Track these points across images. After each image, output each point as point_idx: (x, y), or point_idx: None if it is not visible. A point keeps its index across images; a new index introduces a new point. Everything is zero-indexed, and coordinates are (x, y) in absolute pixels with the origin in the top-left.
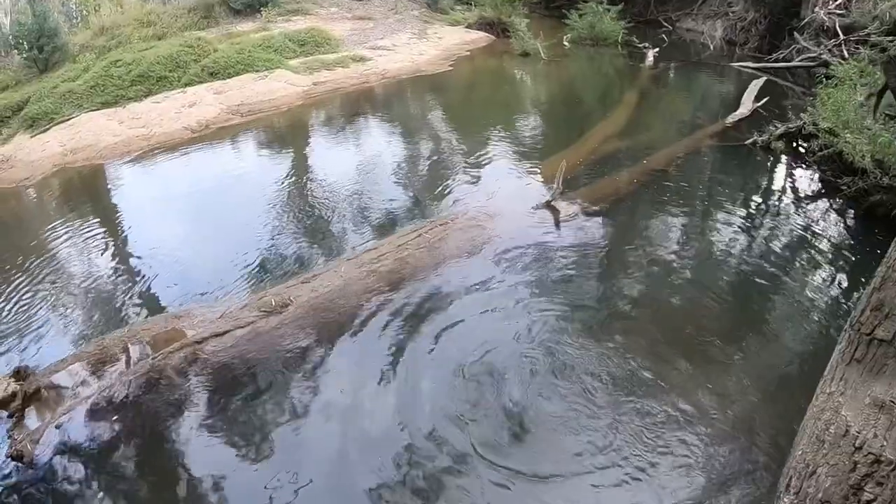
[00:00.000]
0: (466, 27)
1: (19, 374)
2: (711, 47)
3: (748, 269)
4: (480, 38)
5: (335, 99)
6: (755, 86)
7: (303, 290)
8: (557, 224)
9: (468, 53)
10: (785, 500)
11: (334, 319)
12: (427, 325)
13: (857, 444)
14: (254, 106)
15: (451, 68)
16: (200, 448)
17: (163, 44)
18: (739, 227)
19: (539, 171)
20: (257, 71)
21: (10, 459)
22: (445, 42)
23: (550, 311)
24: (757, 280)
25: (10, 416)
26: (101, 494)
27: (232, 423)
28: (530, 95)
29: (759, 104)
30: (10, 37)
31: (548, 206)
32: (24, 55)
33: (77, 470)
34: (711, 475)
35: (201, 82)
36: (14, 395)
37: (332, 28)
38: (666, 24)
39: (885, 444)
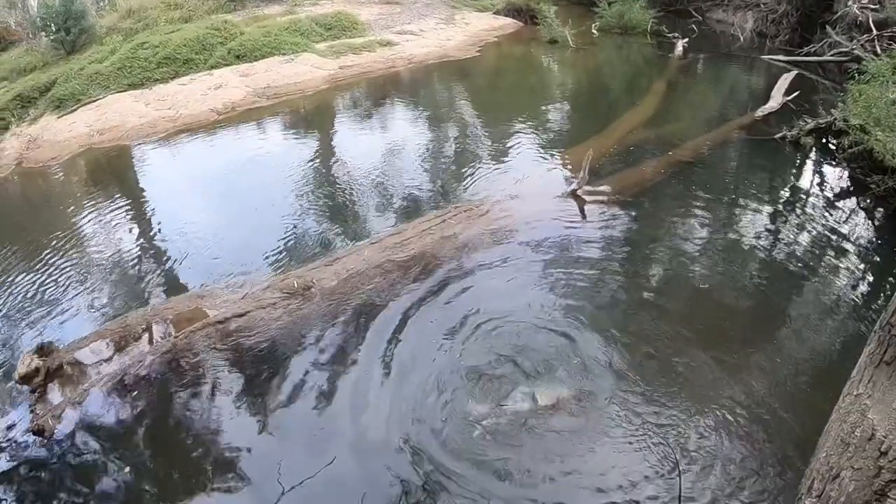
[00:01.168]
0: (494, 13)
1: (42, 350)
2: (741, 39)
3: (774, 265)
4: (508, 24)
5: (361, 83)
6: (785, 79)
7: (326, 272)
8: (583, 213)
9: (496, 39)
10: (807, 502)
11: (357, 302)
12: (447, 310)
13: (882, 449)
14: (280, 89)
15: (478, 54)
16: (218, 427)
17: (189, 26)
18: (766, 222)
19: (565, 159)
20: (283, 54)
21: (31, 434)
22: (473, 28)
23: (573, 300)
24: (783, 277)
25: (32, 392)
26: (119, 471)
27: (252, 403)
28: (557, 83)
29: (788, 98)
30: (38, 18)
31: (573, 194)
32: (52, 37)
33: (97, 446)
34: (730, 472)
35: (227, 65)
36: (37, 370)
37: (359, 12)
38: (696, 14)
39: None
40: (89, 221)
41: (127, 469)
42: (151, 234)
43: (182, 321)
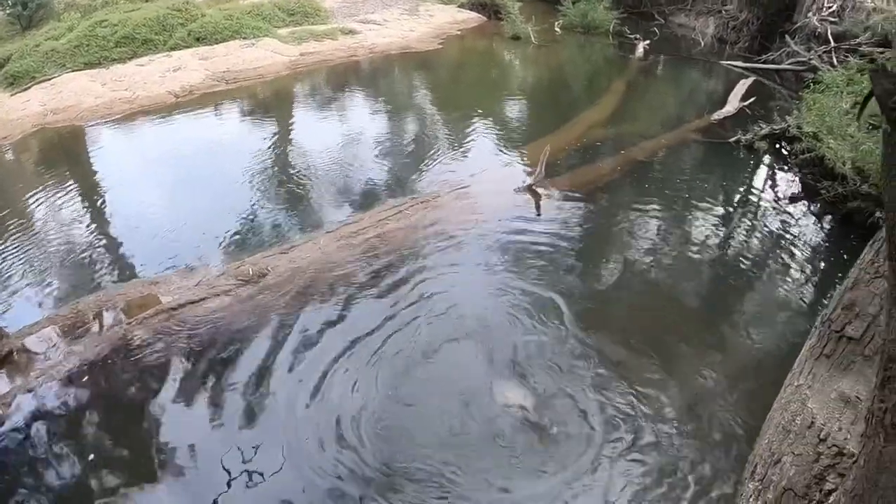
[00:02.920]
0: (458, 6)
1: None
2: (702, 44)
3: (724, 264)
4: (472, 18)
5: (321, 71)
6: (743, 85)
7: (281, 260)
8: (538, 207)
9: (459, 33)
10: (749, 486)
11: (311, 290)
12: (401, 299)
13: (821, 436)
14: (239, 73)
15: (440, 47)
16: (171, 413)
17: (150, 6)
18: (718, 222)
19: (523, 154)
20: (244, 38)
21: None
22: (436, 20)
23: (523, 292)
24: (732, 275)
25: None
26: (70, 458)
27: (203, 389)
28: (518, 79)
29: (745, 103)
30: None
31: (530, 189)
32: (8, 11)
33: (47, 434)
34: (678, 462)
35: (187, 47)
36: None
37: None
38: (658, 17)
39: (848, 437)
40: (40, 203)
41: (77, 457)
42: (104, 218)
43: (135, 307)
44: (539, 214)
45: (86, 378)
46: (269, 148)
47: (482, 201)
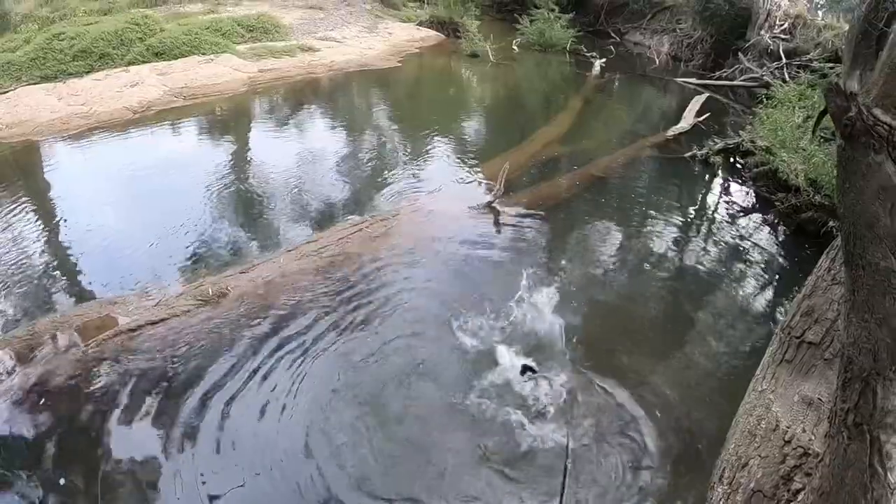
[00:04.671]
0: (418, 24)
1: None
2: (657, 62)
3: (683, 275)
4: (431, 36)
5: (280, 87)
6: (697, 101)
7: (241, 279)
8: (497, 224)
9: (417, 51)
10: (718, 490)
11: (271, 310)
12: (360, 319)
13: (786, 438)
14: (197, 90)
15: (399, 64)
16: (127, 439)
17: (108, 19)
18: (675, 236)
19: (481, 171)
20: (203, 54)
21: None
22: (395, 38)
23: (483, 309)
24: (691, 288)
25: None
26: (24, 485)
27: (162, 414)
28: (476, 96)
29: (699, 119)
30: None
31: (489, 206)
32: None
33: (0, 460)
34: (645, 469)
35: (145, 62)
36: None
37: (283, 16)
38: (615, 35)
39: (812, 438)
40: None
41: (30, 483)
42: (58, 236)
43: (92, 329)
44: (498, 231)
45: (40, 401)
46: (228, 165)
47: (441, 218)
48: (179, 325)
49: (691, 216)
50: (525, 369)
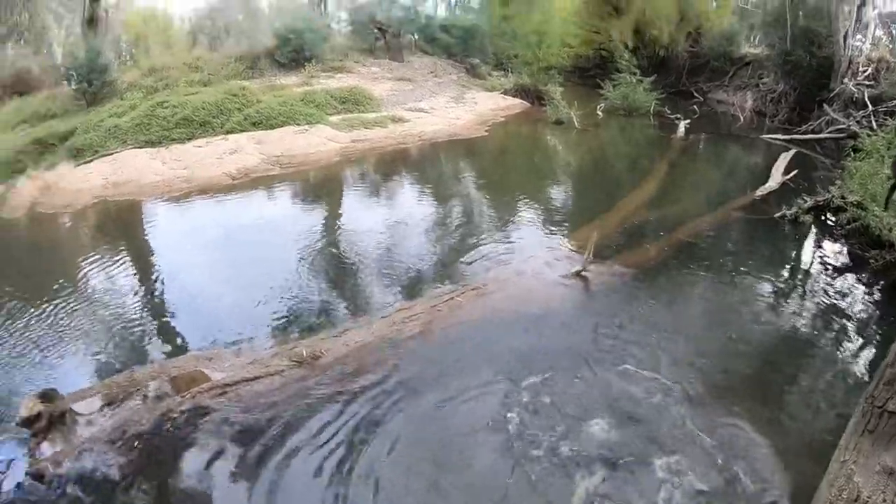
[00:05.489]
0: (503, 93)
1: (46, 396)
2: (742, 119)
3: (775, 340)
4: (516, 104)
5: (372, 157)
6: (784, 158)
7: (334, 343)
8: (587, 293)
9: (504, 119)
10: None
11: (364, 375)
12: (454, 388)
13: None
14: (293, 158)
15: (486, 133)
16: (212, 493)
17: (208, 90)
18: (768, 298)
19: (570, 239)
20: (298, 124)
21: (29, 477)
22: (482, 107)
23: (576, 381)
24: (783, 352)
25: (33, 436)
26: None
27: (247, 469)
28: (563, 163)
29: (787, 177)
30: (63, 68)
31: (578, 275)
32: (75, 87)
33: (91, 498)
34: None
35: (243, 131)
36: (40, 415)
37: (373, 87)
38: (697, 95)
39: None
40: (96, 273)
41: None
42: (157, 291)
43: (187, 381)
44: (589, 299)
45: (134, 446)
46: (321, 231)
47: (532, 288)
48: (272, 383)
49: (783, 277)
50: None
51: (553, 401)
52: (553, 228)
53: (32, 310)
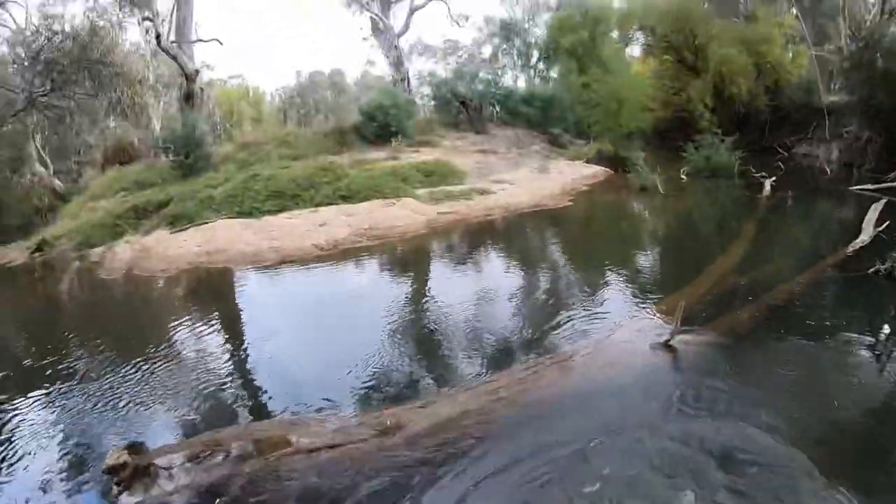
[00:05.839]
0: (586, 161)
1: (133, 448)
2: (828, 171)
3: (883, 406)
4: (599, 172)
5: (458, 229)
6: (875, 210)
7: (419, 414)
8: (676, 363)
9: (587, 188)
10: None
11: (448, 448)
12: (544, 468)
13: None
14: (380, 231)
15: (570, 203)
16: None
17: (298, 164)
18: (869, 360)
19: (657, 307)
20: (386, 197)
21: None
22: (565, 176)
23: (669, 450)
24: (888, 417)
25: (117, 485)
26: None
27: None
28: (648, 230)
29: (879, 229)
30: (160, 140)
31: (666, 345)
32: (172, 158)
33: None
34: None
35: (332, 203)
36: (125, 465)
37: (457, 160)
38: (781, 150)
39: None
40: (187, 335)
41: None
42: (245, 355)
43: (270, 444)
44: (677, 369)
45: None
46: (407, 301)
47: (618, 358)
48: (355, 451)
49: (883, 336)
50: None
51: (642, 473)
52: (640, 297)
53: (126, 366)
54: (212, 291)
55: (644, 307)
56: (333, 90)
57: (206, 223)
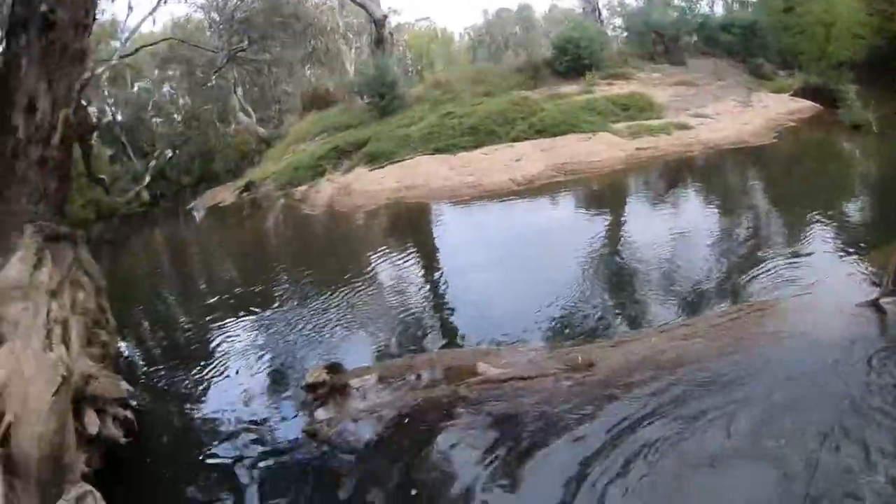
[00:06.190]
0: (791, 95)
1: (332, 367)
2: None
3: None
4: (806, 107)
5: (656, 165)
6: None
7: (610, 353)
8: (884, 327)
9: (793, 124)
10: None
11: (637, 388)
12: (734, 409)
13: None
14: (576, 166)
15: (775, 140)
16: (465, 481)
17: (491, 100)
18: None
19: (865, 261)
20: (581, 132)
21: (305, 434)
22: (769, 111)
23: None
24: None
25: (315, 400)
26: (366, 490)
27: (503, 463)
28: (860, 174)
29: None
30: (355, 84)
31: (874, 304)
32: (367, 101)
33: (354, 464)
34: None
35: (527, 139)
36: (324, 382)
37: (654, 93)
38: None
39: None
40: (385, 266)
41: (371, 488)
42: (439, 286)
43: (462, 372)
44: (885, 334)
45: (395, 423)
46: (601, 239)
47: (819, 313)
48: (544, 385)
49: None
50: None
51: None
52: (847, 248)
53: (328, 294)
54: (409, 225)
55: (851, 260)
56: (522, 26)
57: (404, 160)
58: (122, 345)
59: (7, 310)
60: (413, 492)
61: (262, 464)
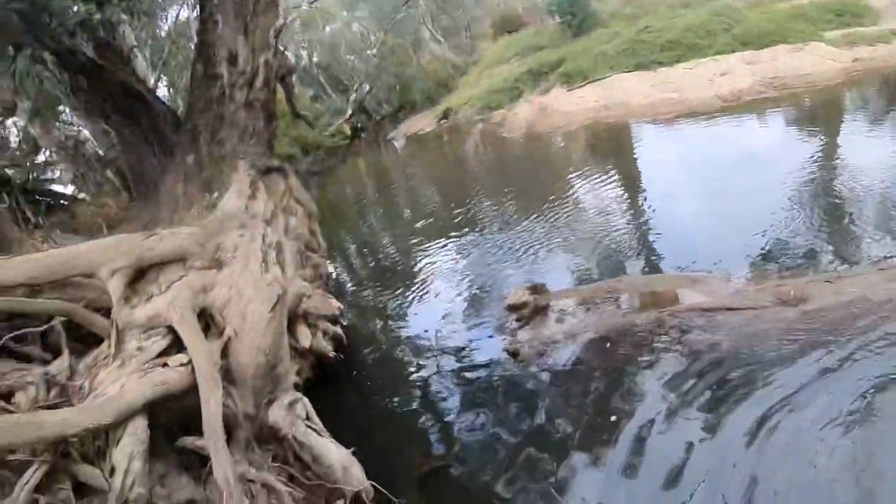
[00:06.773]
0: None
1: (536, 289)
2: None
3: None
4: None
5: (875, 79)
6: None
7: (824, 289)
8: None
9: None
10: None
11: (852, 329)
12: None
13: None
14: (787, 80)
15: None
16: (658, 410)
17: (690, 12)
18: None
19: None
20: (791, 42)
21: (506, 352)
22: None
23: None
24: None
25: (517, 321)
26: (560, 409)
27: (711, 402)
28: None
29: None
30: (546, 4)
31: None
32: (559, 21)
33: (550, 379)
34: None
35: (732, 51)
36: (526, 304)
37: None
38: None
39: None
40: (585, 188)
41: (568, 412)
42: (641, 210)
43: (667, 299)
44: None
45: (594, 346)
46: (815, 163)
47: None
48: (752, 317)
49: None
50: None
51: None
52: None
53: (528, 218)
54: (609, 146)
55: None
56: None
57: (601, 79)
58: (332, 266)
59: (226, 237)
60: (612, 418)
61: (461, 380)
